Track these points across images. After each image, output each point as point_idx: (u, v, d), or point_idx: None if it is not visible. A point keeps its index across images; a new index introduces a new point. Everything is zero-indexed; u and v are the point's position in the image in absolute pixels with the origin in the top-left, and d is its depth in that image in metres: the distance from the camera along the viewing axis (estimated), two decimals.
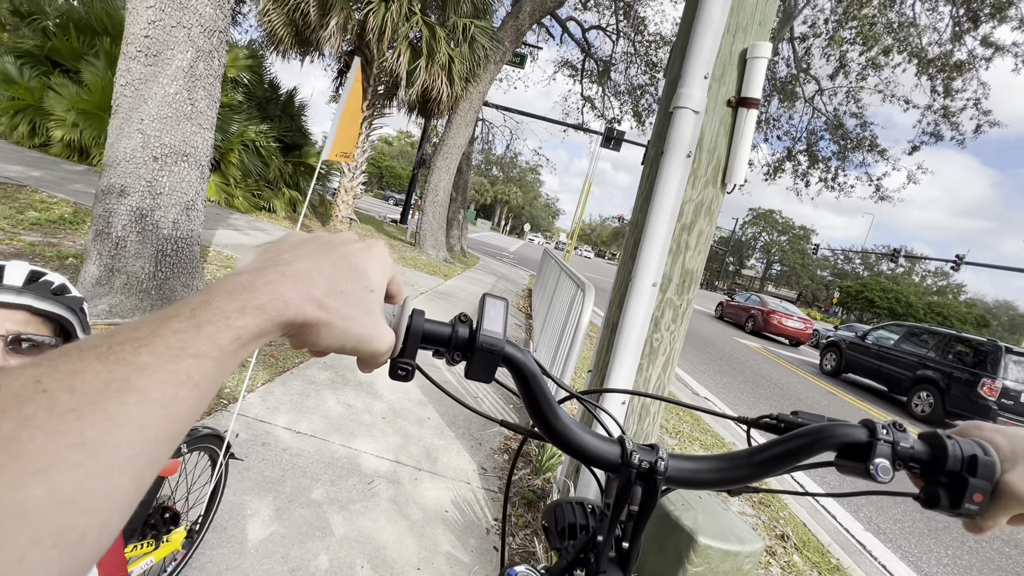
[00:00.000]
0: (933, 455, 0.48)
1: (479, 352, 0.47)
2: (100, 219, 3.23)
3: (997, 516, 0.45)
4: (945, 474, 0.46)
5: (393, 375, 0.46)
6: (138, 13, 3.14)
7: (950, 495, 0.46)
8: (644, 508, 0.52)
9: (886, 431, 0.48)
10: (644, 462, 0.51)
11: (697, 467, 0.53)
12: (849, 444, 0.49)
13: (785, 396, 7.88)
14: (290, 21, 8.89)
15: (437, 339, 0.47)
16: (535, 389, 0.50)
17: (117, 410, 0.21)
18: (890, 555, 3.47)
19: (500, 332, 0.48)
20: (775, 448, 0.51)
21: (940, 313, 45.52)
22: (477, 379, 0.48)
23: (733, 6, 1.62)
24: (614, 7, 15.74)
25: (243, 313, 0.28)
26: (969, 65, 9.62)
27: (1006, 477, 0.44)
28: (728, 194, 1.77)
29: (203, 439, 1.38)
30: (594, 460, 0.52)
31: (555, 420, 0.51)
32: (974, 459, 0.45)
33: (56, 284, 0.82)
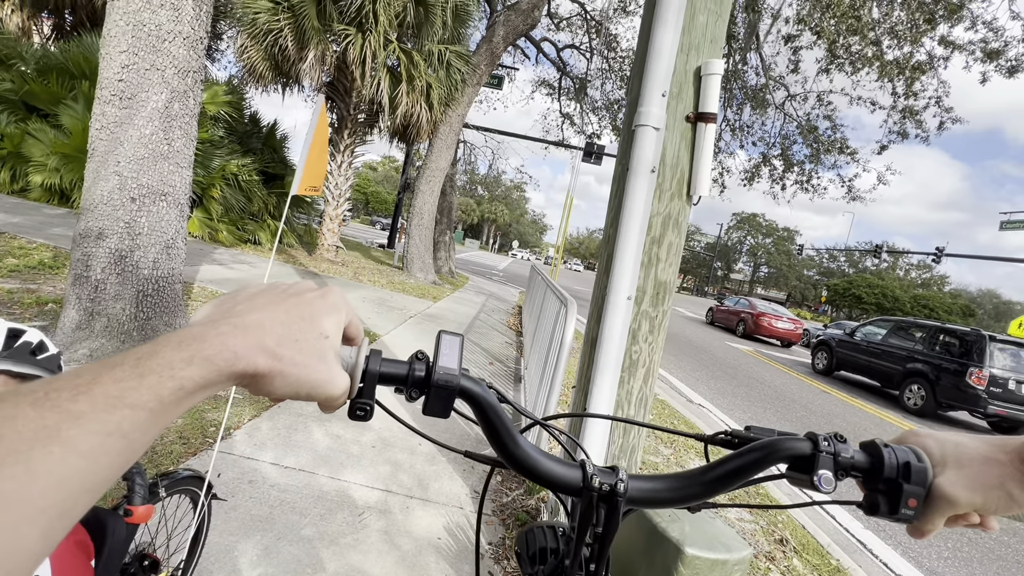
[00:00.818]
0: (872, 464, 0.49)
1: (435, 389, 0.48)
2: (79, 263, 3.21)
3: (933, 519, 0.46)
4: (883, 481, 0.48)
5: (352, 415, 0.47)
6: (111, 58, 3.18)
7: (888, 501, 0.48)
8: (607, 529, 0.53)
9: (828, 443, 0.50)
10: (605, 484, 0.52)
11: (655, 487, 0.54)
12: (795, 457, 0.51)
13: (780, 398, 7.91)
14: (268, 56, 9.01)
15: (394, 378, 0.48)
16: (494, 420, 0.51)
17: (40, 461, 0.21)
18: (891, 552, 3.47)
19: (455, 368, 0.49)
20: (728, 464, 0.53)
21: (927, 306, 46.18)
22: (435, 415, 0.49)
23: (685, 26, 1.68)
24: (586, 26, 16.16)
25: (189, 364, 0.28)
26: (928, 65, 9.97)
27: (938, 481, 0.46)
28: (695, 206, 1.82)
29: (183, 481, 1.37)
30: (557, 485, 0.53)
31: (516, 448, 0.52)
32: (908, 466, 0.47)
33: (34, 343, 0.82)
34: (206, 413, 2.86)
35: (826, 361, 11.66)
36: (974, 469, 0.45)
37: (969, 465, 0.45)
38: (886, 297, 47.13)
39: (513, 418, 0.65)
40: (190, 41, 3.37)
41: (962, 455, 0.46)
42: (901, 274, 63.88)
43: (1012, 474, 0.43)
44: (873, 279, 51.12)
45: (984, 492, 0.44)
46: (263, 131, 11.48)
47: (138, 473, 1.03)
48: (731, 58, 11.83)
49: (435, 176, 11.38)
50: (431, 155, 11.37)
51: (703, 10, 1.67)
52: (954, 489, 0.45)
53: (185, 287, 5.12)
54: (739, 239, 74.66)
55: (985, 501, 0.44)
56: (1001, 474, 0.44)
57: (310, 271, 8.85)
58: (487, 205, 74.21)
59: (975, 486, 0.44)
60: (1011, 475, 0.43)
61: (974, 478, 0.44)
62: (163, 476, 1.29)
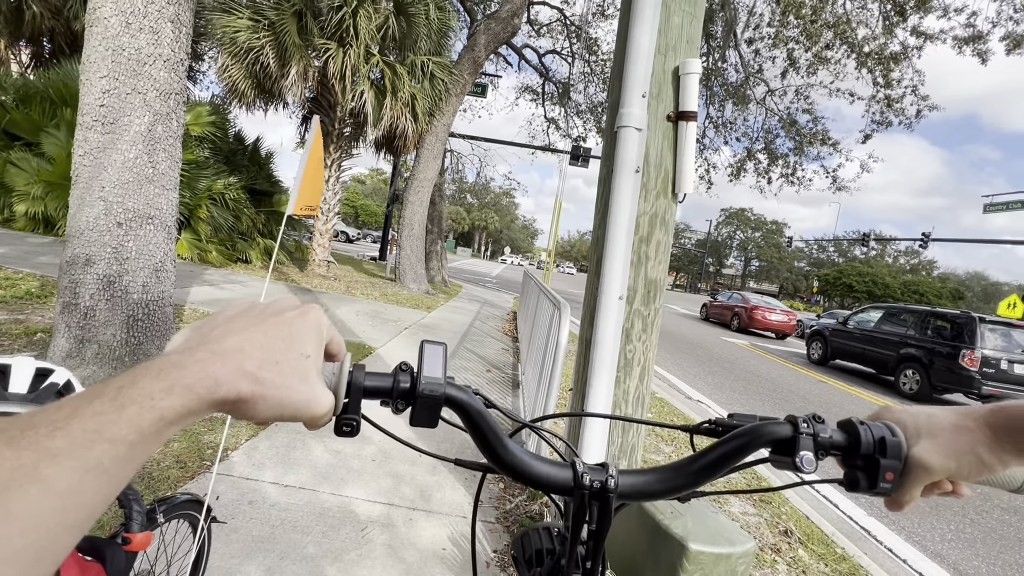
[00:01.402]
0: (849, 441, 0.51)
1: (420, 399, 0.48)
2: (67, 291, 3.18)
3: (910, 489, 0.48)
4: (860, 458, 0.50)
5: (338, 432, 0.47)
6: (92, 83, 3.17)
7: (867, 477, 0.49)
8: (601, 526, 0.54)
9: (807, 424, 0.51)
10: (595, 482, 0.52)
11: (645, 480, 0.55)
12: (777, 440, 0.52)
13: (777, 390, 7.95)
14: (250, 74, 9.00)
15: (379, 392, 0.48)
16: (482, 425, 0.52)
17: (17, 502, 0.21)
18: (895, 537, 3.49)
19: (440, 377, 0.49)
20: (713, 452, 0.54)
21: (917, 291, 46.68)
22: (422, 425, 0.49)
23: (661, 28, 1.71)
24: (566, 31, 16.31)
25: (169, 393, 0.28)
26: (903, 55, 10.15)
27: (912, 452, 0.48)
28: (680, 203, 1.84)
29: (181, 505, 1.35)
30: (548, 486, 0.53)
31: (505, 453, 0.53)
32: (883, 441, 0.49)
33: (61, 384, 0.83)
34: (202, 436, 2.83)
35: (821, 351, 11.75)
36: (946, 437, 0.47)
37: (941, 434, 0.47)
38: (876, 284, 47.61)
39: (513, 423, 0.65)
40: (170, 63, 3.36)
41: (934, 425, 0.48)
42: (890, 261, 64.61)
43: (981, 439, 0.45)
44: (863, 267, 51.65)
45: (957, 458, 0.46)
46: (248, 149, 11.46)
47: (135, 500, 1.02)
48: (710, 56, 11.98)
49: (423, 186, 11.39)
50: (418, 166, 11.38)
51: (678, 11, 1.70)
52: (928, 457, 0.47)
53: (176, 310, 5.08)
54: (729, 234, 75.25)
55: (958, 466, 0.46)
56: (971, 440, 0.46)
57: (302, 287, 8.81)
58: (477, 213, 74.32)
59: (948, 453, 0.46)
60: (980, 440, 0.45)
61: (947, 445, 0.46)
62: (161, 502, 1.28)
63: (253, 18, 8.54)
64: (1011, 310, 13.51)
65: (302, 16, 9.02)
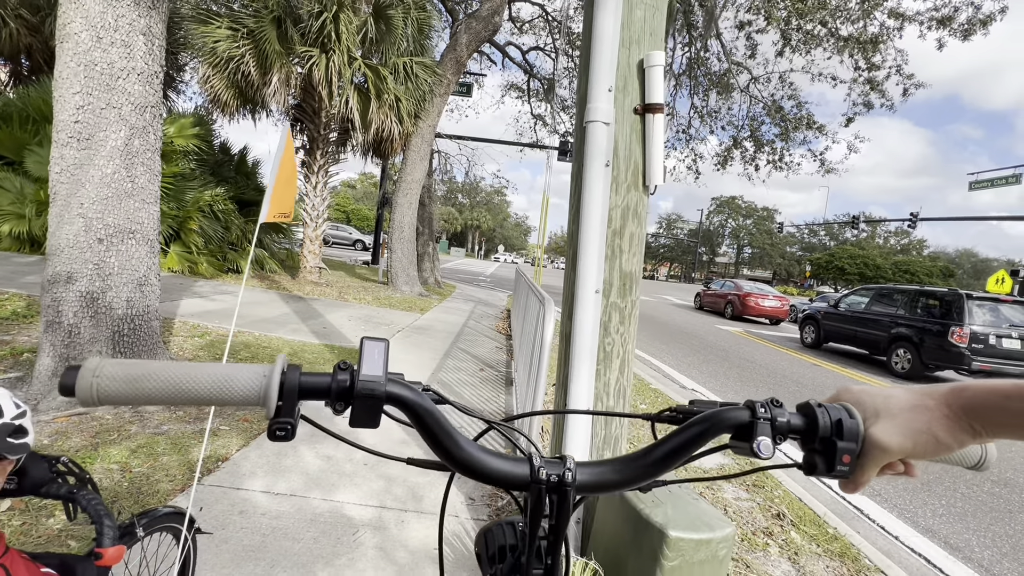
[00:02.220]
0: (807, 424, 0.50)
1: (359, 399, 0.47)
2: (49, 309, 3.17)
3: (867, 470, 0.48)
4: (818, 441, 0.49)
5: (271, 436, 0.46)
6: (65, 100, 3.15)
7: (825, 460, 0.49)
8: (560, 520, 0.53)
9: (764, 409, 0.51)
10: (552, 475, 0.51)
11: (603, 471, 0.54)
12: (736, 426, 0.51)
13: (771, 376, 8.00)
14: (232, 84, 8.94)
15: (317, 392, 0.47)
16: (430, 423, 0.50)
17: None
18: (886, 515, 3.53)
19: (380, 374, 0.48)
20: (673, 441, 0.53)
21: (908, 271, 47.03)
22: (363, 426, 0.48)
23: (624, 21, 1.72)
24: (548, 27, 16.29)
25: None
26: (882, 37, 10.21)
27: (870, 432, 0.48)
28: (652, 195, 1.85)
29: (162, 519, 1.35)
30: (504, 482, 0.52)
31: (457, 450, 0.51)
32: (840, 423, 0.48)
33: None
34: (191, 449, 2.83)
35: (814, 335, 11.82)
36: (903, 417, 0.47)
37: (899, 414, 0.47)
38: (868, 266, 47.92)
39: (479, 425, 0.65)
40: (144, 76, 3.35)
41: (892, 405, 0.48)
42: (881, 242, 65.03)
43: (938, 418, 0.45)
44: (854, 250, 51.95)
45: (914, 437, 0.46)
46: (235, 160, 11.40)
47: (105, 515, 1.02)
48: (692, 46, 12.00)
49: (412, 188, 11.37)
50: (406, 168, 11.36)
51: (640, 4, 1.71)
52: (885, 437, 0.47)
53: (166, 323, 5.06)
54: (720, 223, 75.48)
55: (915, 446, 0.46)
56: (928, 419, 0.46)
57: (295, 295, 8.79)
58: (469, 213, 74.21)
59: (905, 432, 0.46)
60: (937, 419, 0.45)
61: (904, 425, 0.46)
62: (141, 515, 1.28)
63: (231, 27, 8.48)
64: (999, 285, 13.64)
65: (281, 23, 8.97)
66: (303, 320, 6.78)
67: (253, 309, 6.89)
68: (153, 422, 3.10)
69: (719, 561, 1.45)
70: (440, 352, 6.15)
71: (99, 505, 1.04)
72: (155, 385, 0.46)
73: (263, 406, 0.46)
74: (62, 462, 1.05)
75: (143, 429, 2.98)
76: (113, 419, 3.04)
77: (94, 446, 2.69)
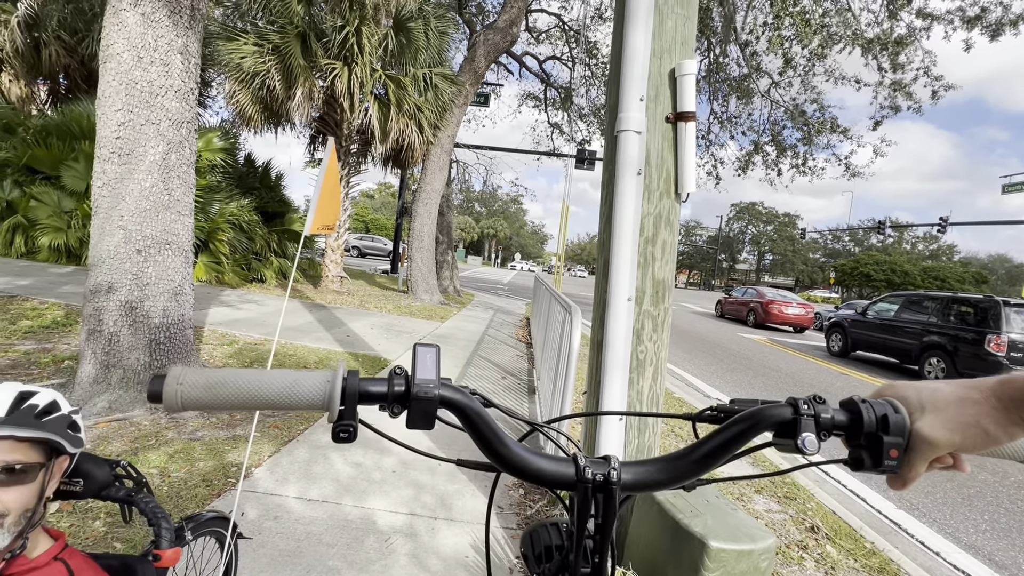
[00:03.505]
0: (852, 421, 0.50)
1: (415, 402, 0.49)
2: (91, 318, 3.28)
3: (915, 465, 0.48)
4: (864, 436, 0.49)
5: (335, 438, 0.48)
6: (108, 117, 3.28)
7: (871, 455, 0.49)
8: (606, 519, 0.54)
9: (807, 406, 0.51)
10: (598, 475, 0.52)
11: (648, 470, 0.54)
12: (779, 423, 0.51)
13: (798, 385, 7.83)
14: (257, 99, 9.20)
15: (375, 397, 0.49)
16: (480, 425, 0.52)
17: None
18: (926, 530, 3.41)
19: (433, 378, 0.50)
20: (715, 439, 0.53)
21: (938, 277, 45.56)
22: (419, 427, 0.50)
23: (655, 31, 1.73)
24: (565, 37, 16.39)
25: None
26: (909, 38, 10.03)
27: (916, 426, 0.47)
28: (684, 203, 1.85)
29: (208, 523, 1.39)
30: (551, 481, 0.53)
31: (505, 451, 0.53)
32: (885, 418, 0.48)
33: (42, 406, 0.85)
34: (226, 454, 2.89)
35: (841, 343, 11.53)
36: (951, 411, 0.46)
37: (946, 408, 0.47)
38: (895, 272, 46.60)
39: (522, 427, 0.66)
40: (181, 93, 3.47)
41: (938, 399, 0.48)
42: (908, 248, 63.29)
43: (987, 411, 0.44)
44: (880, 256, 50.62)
45: (962, 431, 0.45)
46: (259, 171, 11.69)
47: (163, 517, 1.06)
48: (711, 52, 11.95)
49: (431, 198, 11.50)
50: (425, 177, 11.50)
51: (671, 14, 1.72)
52: (933, 431, 0.46)
53: (196, 331, 5.19)
54: (740, 229, 74.42)
55: (963, 439, 0.45)
56: (976, 412, 0.45)
57: (317, 303, 8.93)
58: (486, 221, 74.61)
59: (953, 426, 0.45)
60: (986, 412, 0.44)
61: (951, 419, 0.46)
62: (188, 519, 1.31)
63: (258, 43, 8.74)
64: None
65: (305, 38, 9.21)
66: (327, 328, 6.88)
67: (278, 318, 7.03)
68: (188, 428, 3.18)
69: (761, 573, 1.42)
70: (462, 360, 6.17)
71: (156, 508, 1.07)
72: (230, 391, 0.48)
73: (327, 409, 0.48)
74: (121, 466, 1.08)
75: (179, 435, 3.06)
76: (150, 425, 3.13)
77: (134, 451, 2.76)
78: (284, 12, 8.87)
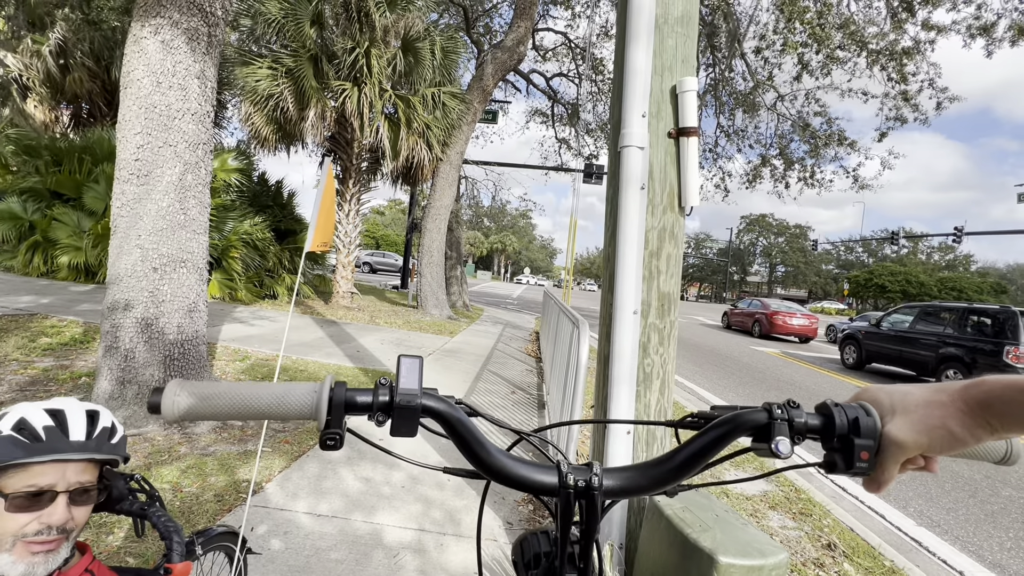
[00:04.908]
0: (825, 424, 0.52)
1: (398, 410, 0.51)
2: (108, 335, 3.35)
3: (887, 467, 0.49)
4: (837, 439, 0.51)
5: (322, 446, 0.51)
6: (127, 140, 3.39)
7: (844, 458, 0.50)
8: (590, 525, 0.55)
9: (781, 410, 0.52)
10: (580, 481, 0.54)
11: (630, 476, 0.56)
12: (754, 427, 0.53)
13: (813, 398, 7.70)
14: (271, 120, 9.44)
15: (360, 406, 0.52)
16: (463, 433, 0.54)
17: None
18: (948, 548, 3.32)
19: (416, 388, 0.52)
20: (694, 444, 0.55)
21: (955, 287, 44.74)
22: (402, 435, 0.52)
23: (656, 50, 1.77)
24: (571, 54, 16.64)
25: None
26: (915, 50, 10.03)
27: (887, 429, 0.49)
28: (688, 216, 1.87)
29: (217, 537, 1.40)
30: (534, 488, 0.55)
31: (489, 458, 0.54)
32: (856, 421, 0.50)
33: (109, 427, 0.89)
34: (237, 470, 2.91)
35: (855, 355, 11.39)
36: (919, 413, 0.47)
37: (915, 410, 0.48)
38: (911, 283, 45.85)
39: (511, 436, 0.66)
40: (198, 116, 3.58)
41: (908, 402, 0.49)
42: (923, 258, 62.37)
43: (953, 413, 0.46)
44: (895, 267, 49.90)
45: (929, 433, 0.46)
46: (272, 190, 11.92)
47: (175, 531, 1.07)
48: (716, 67, 12.04)
49: (440, 214, 11.62)
50: (434, 194, 11.64)
51: (671, 34, 1.76)
52: (901, 434, 0.47)
53: (209, 347, 5.26)
54: (751, 241, 73.96)
55: (930, 441, 0.46)
56: (943, 414, 0.46)
57: (328, 319, 9.01)
58: (495, 236, 75.00)
59: (920, 428, 0.47)
60: (952, 414, 0.46)
61: (919, 421, 0.47)
62: (199, 534, 1.33)
63: (272, 66, 9.00)
64: None
65: (317, 60, 9.46)
66: (337, 344, 6.94)
67: (289, 334, 7.10)
68: (200, 443, 3.21)
69: None
70: (471, 375, 6.17)
71: (169, 522, 1.09)
72: (224, 402, 0.52)
73: (315, 419, 0.51)
74: (136, 479, 1.11)
75: (191, 450, 3.09)
76: (163, 440, 3.17)
77: (148, 466, 2.80)
78: (297, 36, 9.14)
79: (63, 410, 0.84)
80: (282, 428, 3.62)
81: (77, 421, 0.84)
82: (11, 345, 4.59)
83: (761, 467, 4.18)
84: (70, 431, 0.82)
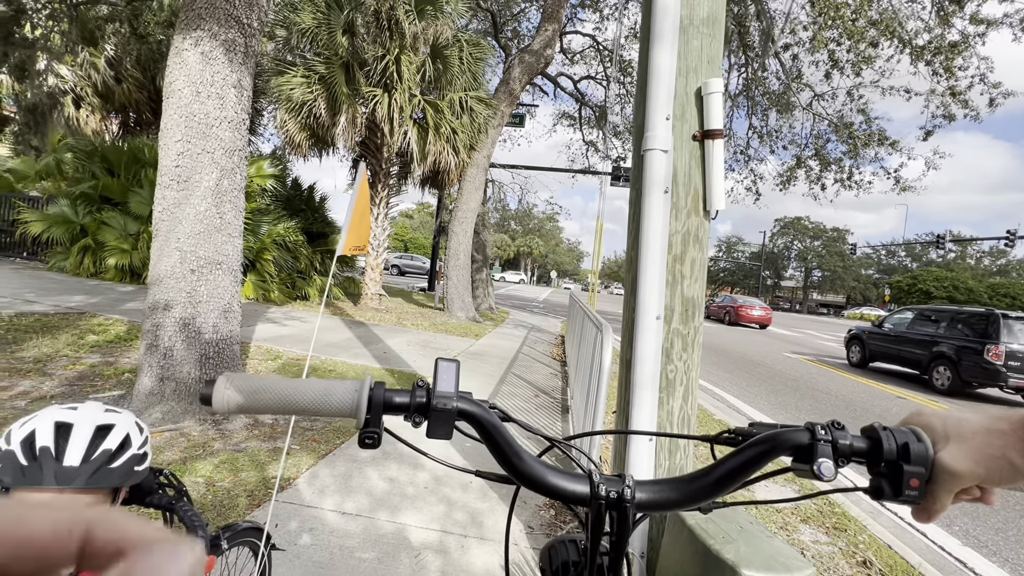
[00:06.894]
0: (871, 447, 0.49)
1: (434, 413, 0.52)
2: (149, 333, 3.51)
3: (939, 497, 0.46)
4: (884, 464, 0.48)
5: (361, 444, 0.52)
6: (169, 147, 3.56)
7: (891, 484, 0.47)
8: (620, 536, 0.54)
9: (825, 431, 0.50)
10: (612, 492, 0.53)
11: (663, 490, 0.55)
12: (795, 447, 0.51)
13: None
14: (305, 126, 9.72)
15: (398, 407, 0.53)
16: (496, 438, 0.54)
17: None
18: (996, 570, 3.13)
19: (452, 391, 0.53)
20: (731, 461, 0.53)
21: (1007, 294, 42.21)
22: (438, 437, 0.53)
23: (680, 51, 1.75)
24: (599, 56, 16.54)
25: None
26: (964, 44, 9.55)
27: (939, 456, 0.46)
28: (713, 220, 1.83)
29: (242, 533, 1.44)
30: (565, 496, 0.55)
31: (521, 464, 0.55)
32: (907, 447, 0.47)
33: (114, 448, 0.85)
34: (267, 466, 3.00)
35: (860, 354, 11.83)
36: (976, 441, 0.44)
37: (972, 438, 0.45)
38: (958, 289, 43.44)
39: (542, 442, 0.66)
40: (234, 124, 3.72)
41: (964, 429, 0.46)
42: (972, 263, 59.18)
43: (1014, 443, 0.42)
44: (941, 272, 47.43)
45: (987, 463, 0.43)
46: (304, 194, 12.27)
47: (200, 527, 1.11)
48: (749, 67, 11.75)
49: (467, 217, 11.71)
50: (461, 197, 11.75)
51: (696, 35, 1.73)
52: (956, 463, 0.44)
53: (243, 347, 5.45)
54: (785, 245, 71.68)
55: (988, 472, 0.43)
56: (1003, 444, 0.43)
57: (356, 320, 9.19)
58: (522, 239, 75.06)
59: (978, 457, 0.44)
60: (1013, 444, 0.42)
61: (976, 450, 0.44)
62: (225, 529, 1.37)
63: (305, 74, 9.27)
64: None
65: (349, 67, 9.70)
66: (365, 345, 7.07)
67: (319, 334, 7.27)
68: (233, 439, 3.32)
69: None
70: (495, 378, 6.19)
71: (195, 517, 1.13)
72: (270, 397, 0.53)
73: (354, 416, 0.52)
74: (164, 474, 1.15)
75: (225, 446, 3.20)
76: (199, 435, 3.29)
77: (183, 460, 2.91)
78: (330, 44, 9.39)
79: (72, 424, 0.81)
80: (310, 426, 3.71)
81: (79, 440, 0.80)
82: (62, 342, 4.86)
83: (800, 486, 4.04)
84: (66, 453, 0.78)
